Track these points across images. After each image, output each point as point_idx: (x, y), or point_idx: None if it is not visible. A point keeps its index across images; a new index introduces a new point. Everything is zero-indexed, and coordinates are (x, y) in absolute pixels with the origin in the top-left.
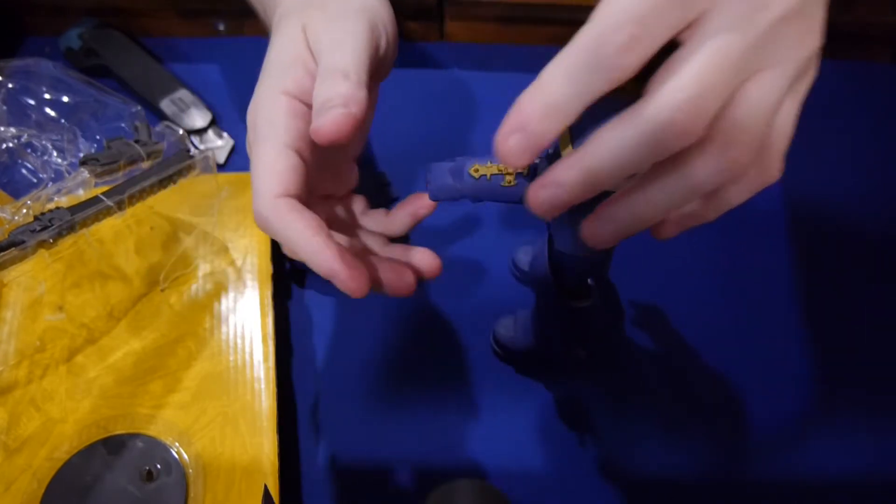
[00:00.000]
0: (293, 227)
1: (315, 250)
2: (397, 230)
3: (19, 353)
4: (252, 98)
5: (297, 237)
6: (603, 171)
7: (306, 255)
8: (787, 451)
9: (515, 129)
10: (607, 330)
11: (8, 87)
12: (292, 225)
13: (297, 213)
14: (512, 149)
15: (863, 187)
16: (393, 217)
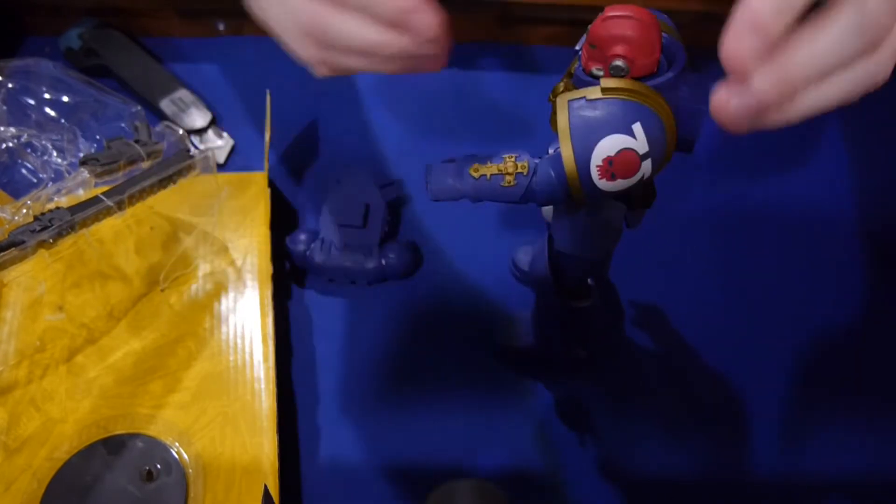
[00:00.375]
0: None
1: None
2: None
3: (19, 353)
4: None
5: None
6: (801, 70)
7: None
8: (787, 451)
9: (749, 29)
10: (607, 330)
11: (8, 86)
12: None
13: None
14: (747, 51)
15: (863, 187)
16: None
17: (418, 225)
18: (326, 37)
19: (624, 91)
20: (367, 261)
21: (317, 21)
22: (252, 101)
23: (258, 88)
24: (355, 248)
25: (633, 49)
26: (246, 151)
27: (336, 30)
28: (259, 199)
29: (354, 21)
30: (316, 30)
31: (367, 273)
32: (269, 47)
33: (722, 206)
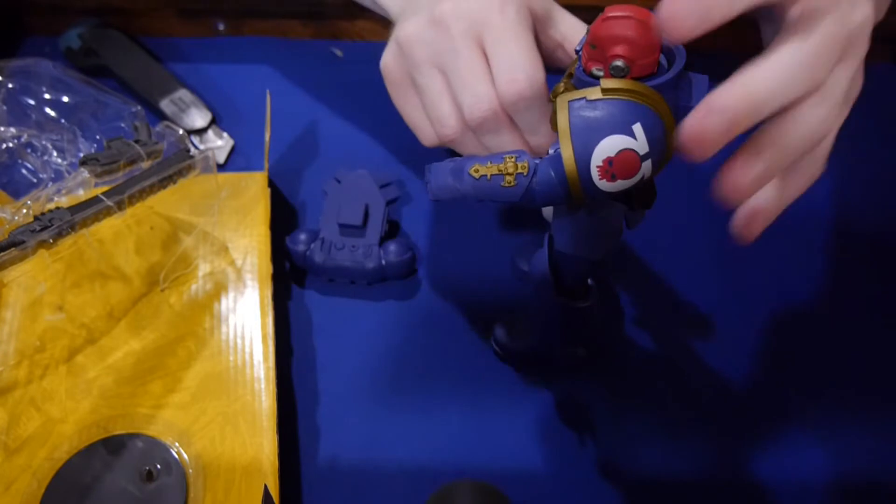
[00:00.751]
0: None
1: None
2: None
3: (19, 353)
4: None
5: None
6: (766, 95)
7: None
8: (786, 451)
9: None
10: (607, 330)
11: (8, 86)
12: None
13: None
14: (681, 9)
15: (863, 187)
16: None
17: (418, 225)
18: (452, 148)
19: (624, 91)
20: (367, 261)
21: (454, 142)
22: (252, 101)
23: (258, 88)
24: (355, 248)
25: (633, 49)
26: (246, 151)
27: (464, 150)
28: (259, 199)
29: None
30: (450, 143)
31: (367, 273)
32: (270, 47)
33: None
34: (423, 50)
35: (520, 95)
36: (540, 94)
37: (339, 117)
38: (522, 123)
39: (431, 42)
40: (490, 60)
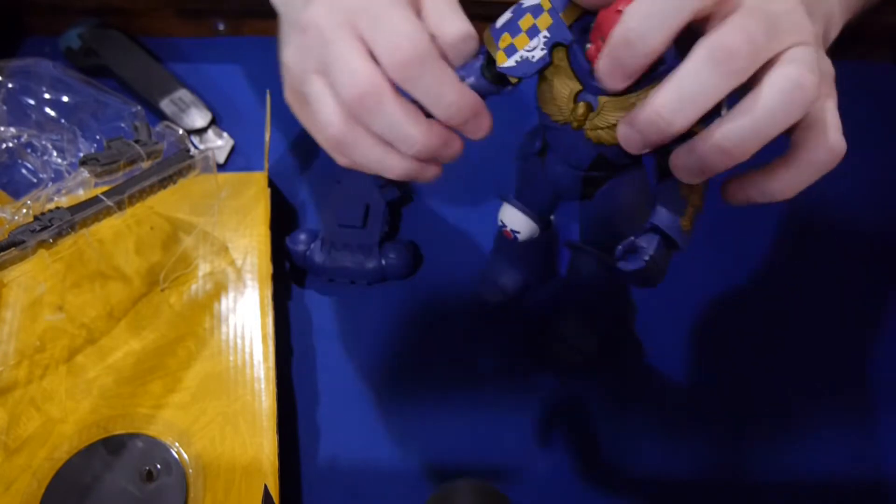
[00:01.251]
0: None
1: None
2: None
3: (19, 353)
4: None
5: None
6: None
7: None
8: (786, 451)
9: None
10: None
11: (8, 86)
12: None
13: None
14: (603, 71)
15: (863, 187)
16: None
17: (418, 225)
18: (352, 157)
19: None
20: (367, 261)
21: (344, 142)
22: (252, 101)
23: (258, 88)
24: (355, 248)
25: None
26: (246, 151)
27: (361, 155)
28: (259, 199)
29: (381, 152)
30: (342, 148)
31: (367, 273)
32: (270, 47)
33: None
34: (301, 63)
35: (408, 61)
36: (430, 55)
37: None
38: (422, 95)
39: (306, 50)
40: (369, 43)
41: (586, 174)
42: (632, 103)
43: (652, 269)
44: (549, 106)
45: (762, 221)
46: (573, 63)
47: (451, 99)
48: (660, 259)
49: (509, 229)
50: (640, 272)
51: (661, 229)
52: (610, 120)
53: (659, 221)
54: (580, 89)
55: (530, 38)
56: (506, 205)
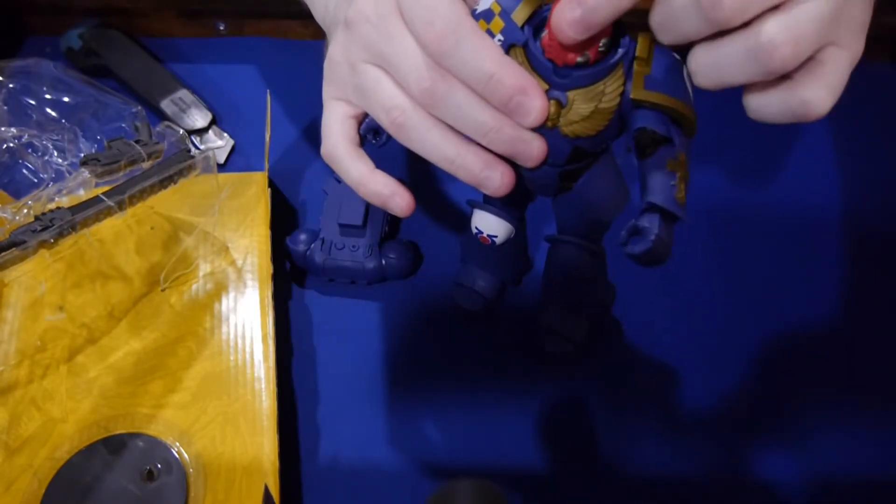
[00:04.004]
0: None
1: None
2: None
3: (20, 353)
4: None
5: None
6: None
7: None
8: (786, 451)
9: (575, 3)
10: (606, 329)
11: (9, 87)
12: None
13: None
14: (568, 20)
15: (863, 188)
16: None
17: (418, 225)
18: (438, 108)
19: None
20: (367, 261)
21: (434, 90)
22: (252, 101)
23: (258, 88)
24: (355, 248)
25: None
26: (246, 151)
27: (451, 103)
28: (259, 199)
29: (469, 98)
30: (428, 99)
31: (367, 273)
32: (270, 47)
33: (720, 207)
34: (349, 55)
35: (440, 37)
36: (462, 28)
37: None
38: (461, 68)
39: (353, 41)
40: (409, 24)
41: (563, 169)
42: (600, 91)
43: (659, 246)
44: None
45: (762, 221)
46: (534, 63)
47: (489, 69)
48: (665, 235)
49: (486, 235)
50: (649, 252)
51: (660, 206)
52: (583, 112)
53: (655, 199)
54: (546, 88)
55: None
56: (478, 211)
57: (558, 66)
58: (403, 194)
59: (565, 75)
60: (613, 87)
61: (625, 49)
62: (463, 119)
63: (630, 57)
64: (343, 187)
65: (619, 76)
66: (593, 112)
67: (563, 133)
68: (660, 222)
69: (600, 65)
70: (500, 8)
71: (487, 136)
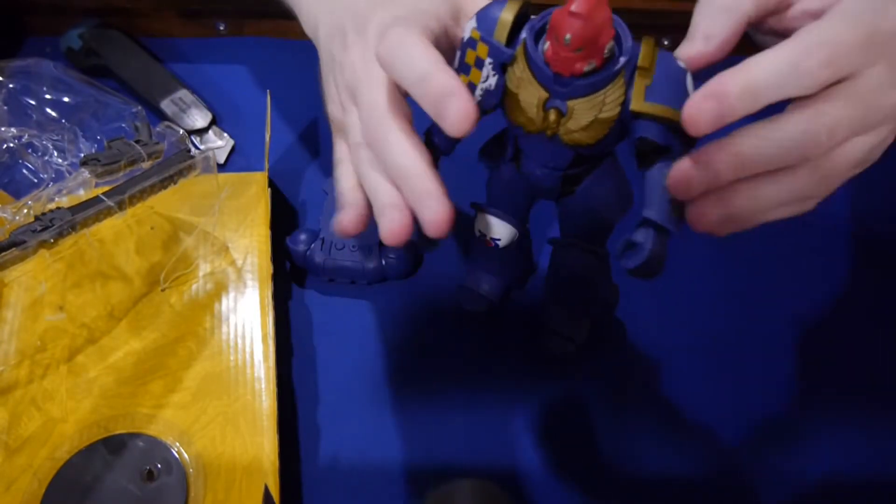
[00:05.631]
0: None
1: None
2: None
3: (20, 353)
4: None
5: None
6: (765, 87)
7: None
8: (785, 451)
9: (712, 96)
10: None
11: (9, 87)
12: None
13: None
14: (703, 112)
15: (863, 188)
16: None
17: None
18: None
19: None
20: (367, 261)
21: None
22: (252, 101)
23: (258, 88)
24: (355, 248)
25: (612, 26)
26: (246, 151)
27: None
28: (259, 199)
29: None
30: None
31: (367, 273)
32: (270, 47)
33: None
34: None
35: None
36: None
37: None
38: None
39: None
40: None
41: (566, 173)
42: (600, 101)
43: (653, 261)
44: (520, 117)
45: None
46: (535, 72)
47: (422, 69)
48: (659, 249)
49: (489, 238)
50: (643, 266)
51: (654, 222)
52: (582, 122)
53: (650, 214)
54: (547, 97)
55: (480, 69)
56: (481, 214)
57: (565, 76)
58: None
59: (566, 84)
60: (614, 97)
61: (627, 56)
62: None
63: (633, 65)
64: None
65: (619, 85)
66: (593, 122)
67: (564, 141)
68: (654, 237)
69: (604, 71)
70: (479, 34)
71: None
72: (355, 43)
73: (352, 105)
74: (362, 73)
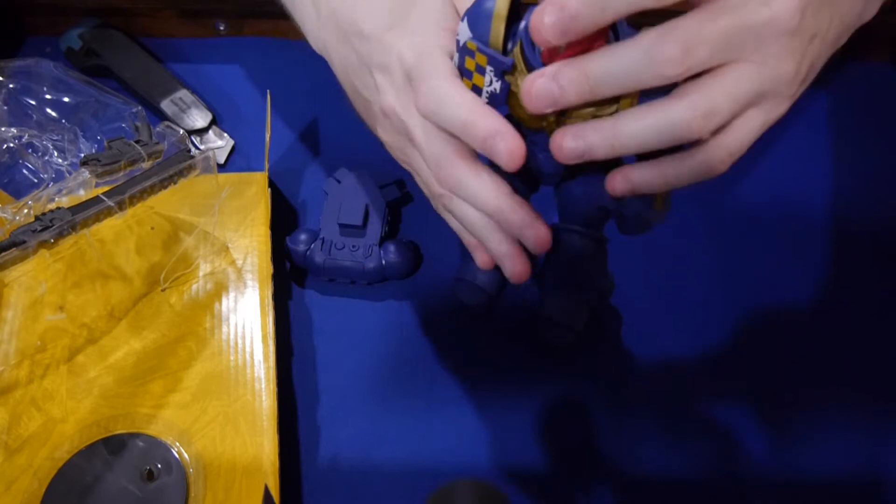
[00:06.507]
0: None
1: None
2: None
3: (20, 353)
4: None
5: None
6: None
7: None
8: (785, 451)
9: (555, 8)
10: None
11: (9, 87)
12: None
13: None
14: (546, 25)
15: (862, 187)
16: None
17: (418, 225)
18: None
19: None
20: (367, 261)
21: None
22: (252, 102)
23: (258, 88)
24: (355, 248)
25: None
26: (246, 151)
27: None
28: (259, 199)
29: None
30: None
31: (367, 273)
32: (270, 47)
33: (720, 207)
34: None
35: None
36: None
37: (339, 117)
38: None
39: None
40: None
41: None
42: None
43: (638, 220)
44: (521, 114)
45: (761, 221)
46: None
47: (462, 116)
48: (642, 212)
49: None
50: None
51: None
52: (584, 115)
53: (625, 210)
54: None
55: (482, 75)
56: None
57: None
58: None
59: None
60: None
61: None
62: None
63: None
64: (343, 187)
65: None
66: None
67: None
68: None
69: None
70: (475, 45)
71: (494, 216)
72: (386, 88)
73: (412, 149)
74: (408, 121)
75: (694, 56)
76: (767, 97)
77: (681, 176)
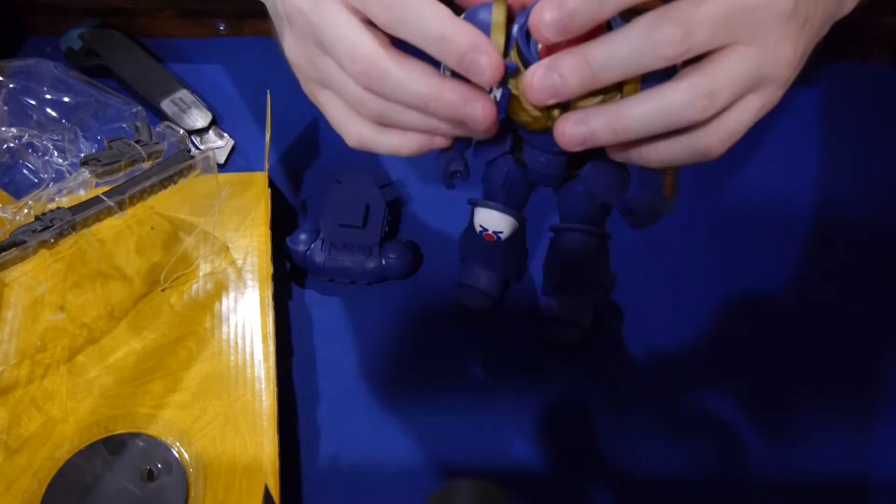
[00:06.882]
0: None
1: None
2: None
3: (20, 353)
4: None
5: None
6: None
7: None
8: (786, 451)
9: (554, 5)
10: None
11: (9, 87)
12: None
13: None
14: (546, 22)
15: (862, 187)
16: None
17: (418, 225)
18: (383, 86)
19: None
20: (367, 261)
21: (376, 68)
22: (252, 101)
23: (258, 88)
24: (355, 248)
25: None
26: (246, 151)
27: (395, 77)
28: (259, 199)
29: (414, 72)
30: (373, 78)
31: (367, 273)
32: (270, 47)
33: (720, 207)
34: (301, 57)
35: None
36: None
37: None
38: (409, 34)
39: (301, 41)
40: (355, 4)
41: (570, 156)
42: (600, 97)
43: (645, 214)
44: (524, 117)
45: (762, 221)
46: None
47: (438, 30)
48: (650, 205)
49: (491, 232)
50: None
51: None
52: (587, 106)
53: (636, 205)
54: None
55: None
56: (480, 209)
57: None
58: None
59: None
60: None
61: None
62: (407, 97)
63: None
64: (343, 187)
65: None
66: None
67: None
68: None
69: None
70: None
71: (429, 105)
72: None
73: (322, 56)
74: (317, 18)
75: (693, 36)
76: (766, 81)
77: (678, 154)
